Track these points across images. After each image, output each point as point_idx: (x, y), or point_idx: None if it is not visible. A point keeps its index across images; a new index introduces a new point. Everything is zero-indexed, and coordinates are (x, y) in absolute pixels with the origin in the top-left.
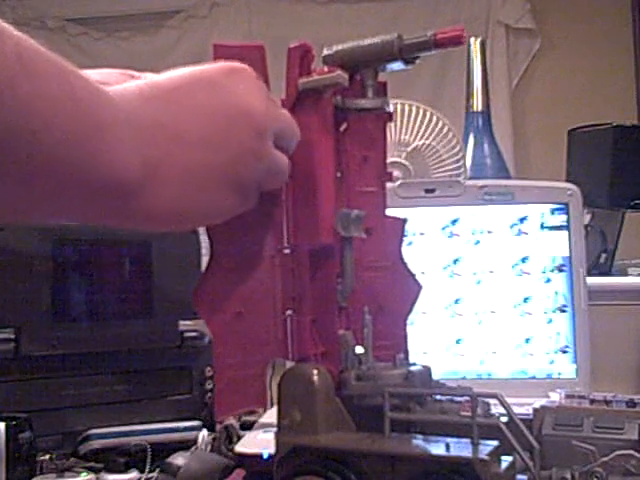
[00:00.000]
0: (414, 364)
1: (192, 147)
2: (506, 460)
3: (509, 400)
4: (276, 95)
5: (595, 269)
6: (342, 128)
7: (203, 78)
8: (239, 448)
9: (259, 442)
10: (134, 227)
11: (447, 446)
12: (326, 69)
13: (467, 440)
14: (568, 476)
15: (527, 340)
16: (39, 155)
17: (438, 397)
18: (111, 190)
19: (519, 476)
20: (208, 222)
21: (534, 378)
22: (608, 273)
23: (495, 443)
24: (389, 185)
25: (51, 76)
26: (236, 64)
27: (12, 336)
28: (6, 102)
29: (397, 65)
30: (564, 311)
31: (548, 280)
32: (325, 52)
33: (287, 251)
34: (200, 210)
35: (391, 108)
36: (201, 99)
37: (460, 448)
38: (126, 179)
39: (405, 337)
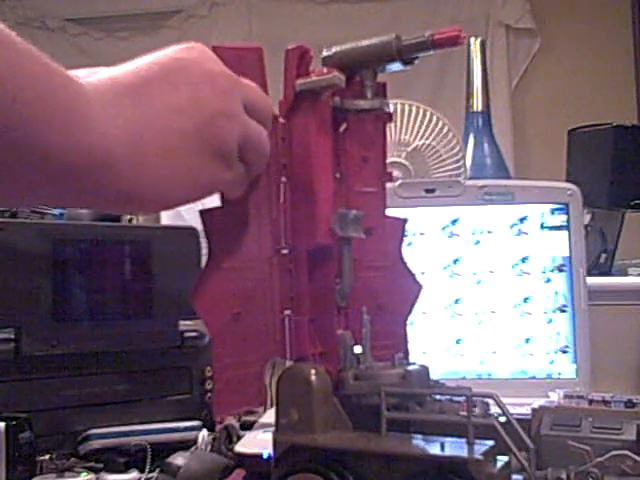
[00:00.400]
0: (412, 364)
1: (164, 116)
2: (501, 460)
3: (509, 400)
4: (274, 96)
5: (595, 269)
6: (341, 129)
7: (164, 57)
8: (239, 448)
9: (259, 442)
10: (119, 209)
11: (442, 446)
12: (325, 70)
13: (463, 440)
14: (563, 476)
15: (527, 340)
16: (10, 132)
17: (437, 397)
18: (86, 165)
19: (515, 476)
20: (194, 195)
21: (534, 378)
22: (608, 273)
23: (491, 443)
24: (389, 185)
25: (23, 51)
26: (192, 43)
27: (12, 336)
28: None
29: (396, 66)
30: (564, 311)
31: (548, 280)
32: (324, 53)
33: (285, 251)
34: (182, 181)
35: (391, 108)
36: (163, 73)
37: (455, 448)
38: (101, 152)
39: (405, 337)
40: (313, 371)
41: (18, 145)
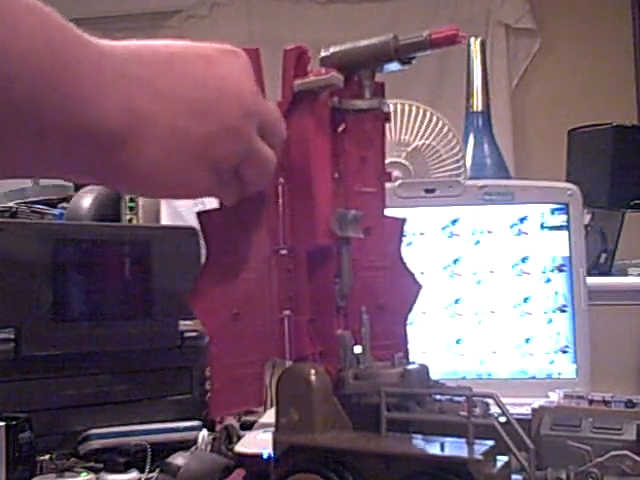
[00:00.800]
0: (412, 363)
1: (178, 112)
2: (501, 460)
3: (509, 400)
4: (274, 96)
5: (595, 269)
6: (340, 129)
7: (199, 50)
8: (239, 448)
9: (259, 442)
10: (111, 185)
11: (442, 446)
12: (323, 70)
13: (463, 440)
14: (563, 476)
15: (527, 340)
16: (14, 99)
17: (437, 397)
18: (93, 140)
19: (515, 476)
20: (178, 194)
21: (534, 378)
22: (608, 273)
23: (491, 443)
24: (389, 185)
25: (25, 13)
26: (233, 48)
27: (12, 336)
28: None
29: (394, 65)
30: (564, 311)
31: (548, 280)
32: (322, 53)
33: (284, 252)
34: (174, 179)
35: (391, 108)
36: (194, 68)
37: (455, 448)
38: (109, 129)
39: (405, 336)
40: (313, 371)
41: (24, 110)
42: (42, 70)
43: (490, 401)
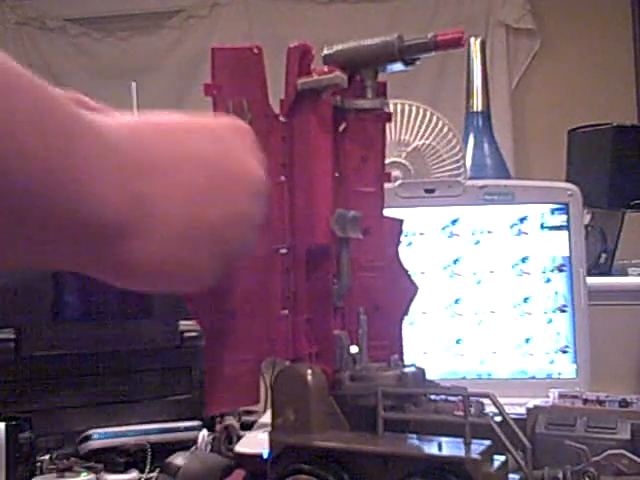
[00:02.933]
0: (408, 365)
1: (187, 197)
2: (498, 459)
3: (509, 400)
4: (275, 95)
5: (595, 269)
6: (341, 128)
7: (207, 127)
8: (239, 448)
9: (259, 442)
10: (112, 280)
11: (439, 445)
12: (326, 69)
13: (460, 440)
14: (560, 475)
15: (527, 340)
16: (9, 189)
17: (433, 397)
18: (95, 231)
19: (511, 475)
20: (184, 286)
21: (534, 378)
22: (608, 273)
23: (488, 442)
24: (389, 185)
25: (26, 91)
26: (239, 123)
27: (12, 336)
28: None
29: (397, 66)
30: (564, 311)
31: (548, 280)
32: (325, 52)
33: (284, 251)
34: (181, 270)
35: (391, 108)
36: (201, 147)
37: (452, 448)
38: (111, 219)
39: (400, 338)
40: (309, 371)
41: (22, 203)
42: (42, 160)
43: (487, 401)
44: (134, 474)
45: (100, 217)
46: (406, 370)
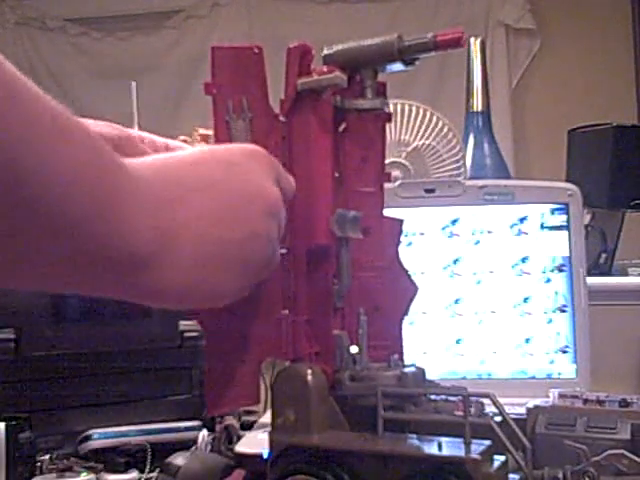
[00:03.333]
0: (408, 365)
1: (206, 223)
2: (498, 459)
3: (509, 400)
4: (275, 96)
5: (595, 269)
6: (341, 128)
7: (221, 157)
8: (239, 448)
9: (259, 442)
10: (140, 302)
11: (439, 445)
12: (325, 69)
13: (460, 440)
14: (560, 475)
15: (527, 340)
16: (57, 218)
17: (433, 397)
18: (123, 262)
19: (511, 475)
20: (210, 304)
21: (534, 378)
22: (608, 273)
23: (488, 442)
24: (390, 185)
25: (80, 141)
26: (253, 147)
27: (12, 336)
28: (40, 164)
29: (397, 66)
30: (564, 311)
31: (548, 280)
32: (325, 52)
33: (283, 251)
34: (207, 290)
35: (391, 108)
36: (218, 177)
37: (452, 447)
38: (139, 251)
39: (400, 338)
40: (310, 371)
41: (55, 224)
42: (87, 196)
43: (487, 401)
44: (134, 474)
45: (129, 249)
46: (406, 370)
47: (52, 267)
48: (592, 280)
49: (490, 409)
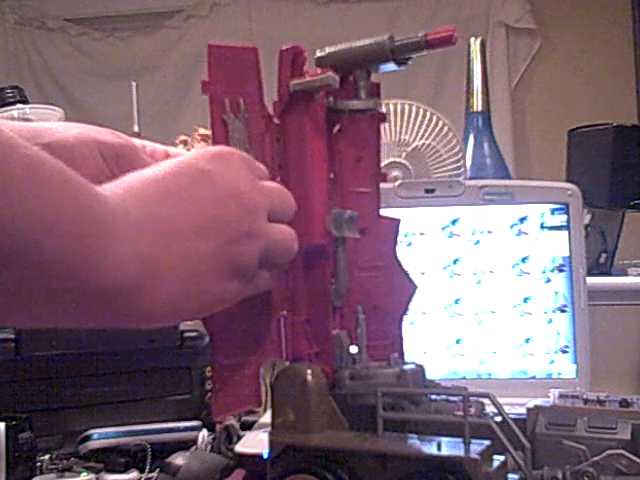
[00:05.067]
0: (408, 363)
1: (184, 238)
2: (497, 459)
3: (509, 400)
4: (273, 96)
5: (595, 269)
6: (335, 129)
7: (188, 166)
8: (239, 448)
9: (259, 442)
10: (133, 326)
11: (439, 445)
12: (318, 71)
13: (460, 440)
14: (559, 475)
15: (527, 340)
16: (38, 263)
17: (433, 396)
18: (109, 294)
19: (511, 475)
20: (211, 310)
21: (534, 378)
22: (608, 273)
23: (487, 442)
24: (389, 185)
25: (55, 183)
26: (222, 148)
27: (12, 336)
28: (15, 213)
29: (389, 66)
30: (564, 311)
31: (548, 280)
32: (317, 54)
33: None
34: (199, 302)
35: (391, 108)
36: (187, 188)
37: (452, 447)
38: (124, 280)
39: (400, 337)
40: (309, 371)
41: (40, 268)
42: (66, 237)
43: (486, 401)
44: (134, 474)
45: (114, 280)
46: (406, 368)
47: (37, 307)
48: (592, 280)
49: (490, 409)
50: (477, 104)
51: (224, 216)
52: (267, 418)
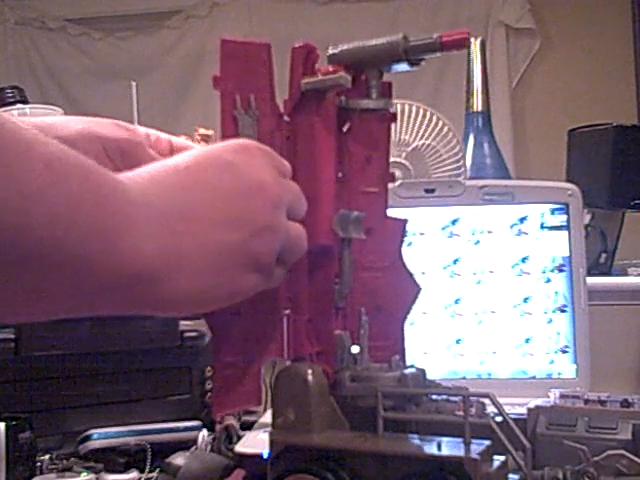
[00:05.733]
0: (409, 367)
1: (209, 228)
2: (498, 459)
3: (509, 400)
4: (277, 95)
5: (595, 269)
6: (345, 128)
7: (214, 157)
8: (239, 448)
9: (259, 442)
10: (155, 314)
11: (439, 445)
12: (330, 69)
13: (460, 440)
14: (560, 476)
15: (527, 340)
16: (59, 254)
17: (434, 397)
18: (132, 282)
19: (511, 475)
20: (229, 302)
21: (534, 378)
22: (608, 273)
23: (488, 443)
24: (390, 185)
25: (75, 177)
26: (246, 141)
27: (12, 336)
28: (35, 210)
29: (402, 66)
30: (564, 311)
31: (548, 280)
32: (330, 51)
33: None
34: (220, 292)
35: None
36: (214, 179)
37: (452, 447)
38: (145, 269)
39: (402, 338)
40: (310, 371)
41: (62, 264)
42: (88, 229)
43: (486, 401)
44: (134, 474)
45: (135, 267)
46: (406, 372)
47: (60, 299)
48: (592, 280)
49: (490, 409)
50: (477, 104)
51: (249, 209)
52: (267, 418)
